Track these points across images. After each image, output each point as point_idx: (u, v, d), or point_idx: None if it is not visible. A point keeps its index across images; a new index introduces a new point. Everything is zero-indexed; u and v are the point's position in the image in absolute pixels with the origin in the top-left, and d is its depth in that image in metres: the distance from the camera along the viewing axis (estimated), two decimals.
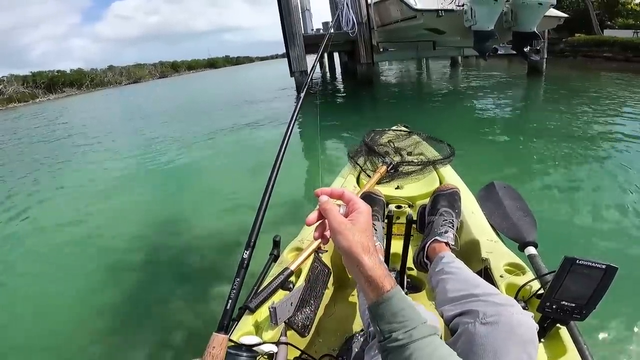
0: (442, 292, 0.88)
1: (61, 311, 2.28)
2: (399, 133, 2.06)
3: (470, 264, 1.19)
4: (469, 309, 0.74)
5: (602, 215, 2.55)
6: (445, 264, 0.97)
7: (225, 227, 2.99)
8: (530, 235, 1.22)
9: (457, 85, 11.32)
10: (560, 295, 0.80)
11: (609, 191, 2.97)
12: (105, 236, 3.28)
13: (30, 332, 2.13)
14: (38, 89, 33.53)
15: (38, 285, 2.65)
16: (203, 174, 5.02)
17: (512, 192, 1.50)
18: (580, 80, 9.84)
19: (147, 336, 1.96)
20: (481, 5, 6.56)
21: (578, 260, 0.77)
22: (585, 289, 0.78)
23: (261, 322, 0.97)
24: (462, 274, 0.91)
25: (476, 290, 0.81)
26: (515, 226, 1.28)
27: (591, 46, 13.53)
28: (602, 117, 5.54)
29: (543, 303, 0.82)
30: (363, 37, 10.43)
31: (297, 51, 10.36)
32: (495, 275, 1.05)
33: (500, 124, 6.04)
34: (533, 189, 3.06)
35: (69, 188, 5.06)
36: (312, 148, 5.26)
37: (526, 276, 1.02)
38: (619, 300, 1.61)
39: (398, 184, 1.63)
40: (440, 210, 1.18)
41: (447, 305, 0.82)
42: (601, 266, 0.76)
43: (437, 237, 1.10)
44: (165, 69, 52.79)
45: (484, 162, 3.87)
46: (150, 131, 8.68)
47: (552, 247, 1.76)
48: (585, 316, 0.80)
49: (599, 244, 2.19)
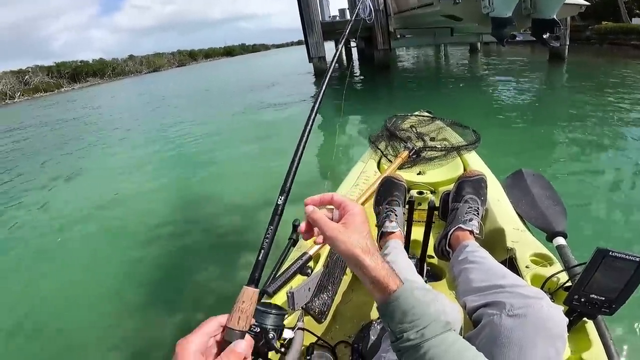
0: (466, 281, 0.85)
1: (105, 277, 2.49)
2: (421, 119, 2.02)
3: (495, 253, 1.15)
4: (494, 300, 0.71)
5: (635, 206, 2.44)
6: (469, 253, 0.93)
7: (251, 199, 3.18)
8: (559, 225, 1.17)
9: (477, 71, 11.09)
10: (590, 288, 0.77)
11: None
12: (138, 210, 3.50)
13: (80, 298, 2.32)
14: (62, 79, 34.50)
15: (81, 257, 2.86)
16: (233, 151, 5.24)
17: (542, 180, 1.43)
18: (605, 67, 9.45)
19: (181, 300, 2.12)
20: None
21: (611, 252, 0.74)
22: (617, 282, 0.75)
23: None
24: (487, 264, 0.87)
25: (502, 281, 0.77)
26: (544, 215, 1.22)
27: (618, 34, 13.09)
28: (630, 104, 5.29)
29: (571, 296, 0.79)
30: (380, 23, 10.46)
31: (315, 38, 10.59)
32: (520, 266, 1.01)
33: (523, 110, 5.88)
34: (562, 177, 2.95)
35: (107, 167, 5.37)
36: (332, 132, 5.27)
37: (553, 267, 0.98)
38: None
39: (420, 169, 1.60)
40: (465, 197, 1.13)
41: (471, 295, 0.79)
42: (635, 259, 0.73)
43: (461, 224, 1.05)
44: (183, 57, 53.34)
45: (508, 148, 3.76)
46: (180, 115, 8.93)
47: (582, 238, 1.70)
48: (615, 311, 0.77)
49: (633, 236, 2.10)
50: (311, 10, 10.44)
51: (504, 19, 6.75)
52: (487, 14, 6.84)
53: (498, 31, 7.04)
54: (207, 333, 0.46)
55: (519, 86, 7.87)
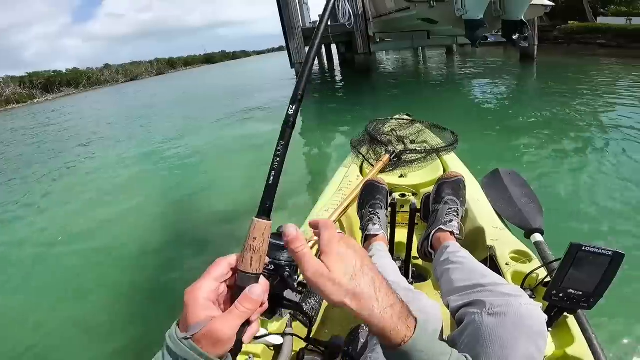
0: (448, 282, 0.86)
1: (103, 281, 2.53)
2: (401, 122, 2.05)
3: (476, 252, 1.18)
4: (475, 299, 0.72)
5: (608, 199, 2.53)
6: (451, 254, 0.94)
7: (238, 200, 3.21)
8: (536, 222, 1.20)
9: (454, 73, 11.48)
10: (567, 283, 0.78)
11: (613, 174, 2.96)
12: (121, 227, 3.41)
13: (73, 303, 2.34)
14: (35, 90, 33.37)
15: (70, 266, 2.84)
16: (221, 155, 5.29)
17: (518, 178, 1.48)
18: (572, 66, 10.02)
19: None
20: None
21: (584, 246, 0.75)
22: (592, 276, 0.76)
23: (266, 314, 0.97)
24: (468, 264, 0.89)
25: (483, 280, 0.78)
26: (521, 213, 1.25)
27: (584, 33, 13.55)
28: (596, 102, 5.57)
29: (549, 291, 0.80)
30: (359, 28, 10.67)
31: (296, 43, 10.66)
32: (501, 263, 1.04)
33: (498, 110, 6.10)
34: (536, 174, 3.03)
35: (93, 178, 5.26)
36: (314, 138, 5.28)
37: (532, 264, 1.00)
38: (628, 288, 1.61)
39: (402, 172, 1.63)
40: (444, 199, 1.15)
41: (453, 295, 0.80)
42: (608, 253, 0.74)
43: (442, 226, 1.08)
44: (162, 65, 52.49)
45: (485, 148, 3.85)
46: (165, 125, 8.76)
47: (559, 233, 1.75)
48: (593, 305, 0.79)
49: (607, 229, 2.17)
50: (292, 16, 10.50)
51: (477, 21, 7.08)
52: (461, 16, 7.19)
53: (471, 33, 7.34)
54: (217, 277, 0.41)
55: (494, 86, 8.16)
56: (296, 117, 0.44)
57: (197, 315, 0.38)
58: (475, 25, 7.18)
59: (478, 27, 7.18)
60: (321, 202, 1.46)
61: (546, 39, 14.58)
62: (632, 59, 9.85)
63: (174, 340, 0.36)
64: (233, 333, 0.38)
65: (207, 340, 0.37)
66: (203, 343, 0.36)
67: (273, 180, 0.43)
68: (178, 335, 0.37)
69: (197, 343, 0.36)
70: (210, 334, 0.37)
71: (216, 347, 0.37)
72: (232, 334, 0.38)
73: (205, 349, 0.36)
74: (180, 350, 0.36)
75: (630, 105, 5.15)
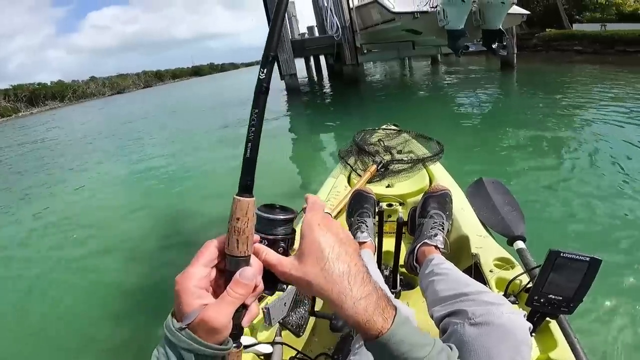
0: (433, 293, 0.87)
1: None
2: (388, 132, 2.09)
3: (460, 259, 1.20)
4: (458, 308, 0.72)
5: (588, 206, 2.60)
6: (435, 266, 0.96)
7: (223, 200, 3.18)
8: (518, 229, 1.24)
9: (438, 82, 11.82)
10: (547, 288, 0.80)
11: (593, 180, 3.05)
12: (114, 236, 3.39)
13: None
14: (20, 103, 32.75)
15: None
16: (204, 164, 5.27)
17: (501, 187, 1.52)
18: (550, 73, 10.51)
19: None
20: (451, 6, 7.18)
21: (562, 253, 0.77)
22: (571, 281, 0.78)
23: (256, 324, 0.98)
24: (452, 275, 0.90)
25: (466, 289, 0.79)
26: (504, 221, 1.29)
27: (561, 40, 14.00)
28: (572, 107, 5.83)
29: (531, 297, 0.82)
30: (347, 40, 10.91)
31: (285, 55, 10.83)
32: (485, 270, 1.06)
33: (481, 118, 6.28)
34: (519, 182, 3.11)
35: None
36: (303, 148, 5.29)
37: (515, 270, 1.03)
38: (609, 292, 1.65)
39: (389, 182, 1.65)
40: (430, 213, 1.17)
41: (437, 306, 0.80)
42: (585, 259, 0.76)
43: (427, 240, 1.09)
44: (149, 78, 52.11)
45: (469, 156, 3.93)
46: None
47: (541, 240, 1.79)
48: (573, 309, 0.80)
49: (589, 235, 2.23)
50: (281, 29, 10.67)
51: (458, 30, 7.50)
52: (443, 26, 7.58)
53: (453, 42, 7.79)
54: (206, 263, 0.40)
55: (477, 95, 8.44)
56: (269, 81, 0.41)
57: (189, 304, 0.37)
58: (456, 34, 7.58)
59: (459, 36, 7.60)
60: None
61: (526, 47, 15.01)
62: (607, 64, 10.33)
63: (171, 330, 0.36)
64: (228, 320, 0.37)
65: (202, 329, 0.36)
66: (199, 332, 0.36)
67: (250, 154, 0.40)
68: (175, 325, 0.36)
69: (193, 332, 0.36)
70: (204, 322, 0.36)
71: (212, 335, 0.36)
72: (227, 320, 0.37)
73: (202, 337, 0.36)
74: (178, 340, 0.36)
75: (605, 111, 5.37)
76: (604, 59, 11.17)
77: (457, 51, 8.06)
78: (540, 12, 18.34)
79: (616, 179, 2.98)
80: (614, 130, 4.35)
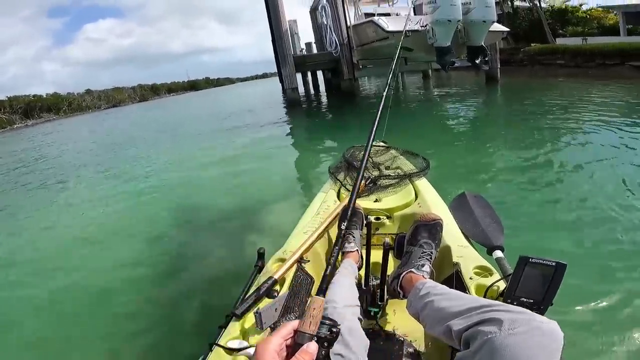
0: (437, 310, 0.87)
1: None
2: (377, 148, 2.18)
3: (443, 268, 1.28)
4: (489, 317, 0.70)
5: (566, 216, 2.72)
6: (431, 288, 0.97)
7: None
8: (497, 240, 1.32)
9: (429, 96, 12.56)
10: (520, 292, 0.86)
11: (570, 192, 3.18)
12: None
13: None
14: (15, 115, 32.57)
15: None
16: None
17: (482, 201, 1.61)
18: (532, 86, 11.12)
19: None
20: (439, 26, 8.06)
21: (531, 258, 0.85)
22: (540, 285, 0.84)
23: (248, 328, 1.02)
24: (453, 293, 0.92)
25: (483, 302, 0.78)
26: (484, 232, 1.37)
27: (546, 55, 14.28)
28: (551, 121, 6.13)
29: (505, 300, 0.88)
30: (345, 56, 11.62)
31: (288, 70, 11.60)
32: (465, 278, 1.12)
33: (463, 131, 6.62)
34: (499, 195, 3.24)
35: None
36: (299, 160, 5.38)
37: (493, 277, 1.09)
38: (578, 294, 1.74)
39: (377, 197, 1.73)
40: (420, 242, 1.19)
41: (455, 319, 0.78)
42: (551, 264, 0.83)
43: (414, 269, 1.11)
44: (145, 92, 52.13)
45: (453, 171, 4.05)
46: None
47: (518, 250, 1.87)
48: (544, 311, 0.84)
49: (565, 245, 2.32)
50: (285, 46, 11.51)
51: (445, 47, 8.29)
52: (432, 44, 8.35)
53: (440, 58, 8.55)
54: (283, 336, 0.56)
55: (462, 108, 9.06)
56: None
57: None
58: (444, 51, 8.36)
59: (446, 53, 8.40)
60: (300, 225, 1.55)
61: (513, 61, 15.37)
62: (589, 77, 10.76)
63: None
64: None
65: None
66: None
67: (329, 271, 0.67)
68: None
69: None
70: None
71: None
72: None
73: None
74: None
75: (581, 122, 5.65)
76: (586, 72, 11.57)
77: (445, 66, 8.82)
78: (526, 27, 18.89)
79: (593, 189, 3.13)
80: (590, 139, 4.65)
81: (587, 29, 17.33)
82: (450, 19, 8.09)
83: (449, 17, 8.07)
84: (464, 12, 8.27)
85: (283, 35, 11.42)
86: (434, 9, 8.11)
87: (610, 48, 11.59)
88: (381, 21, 9.35)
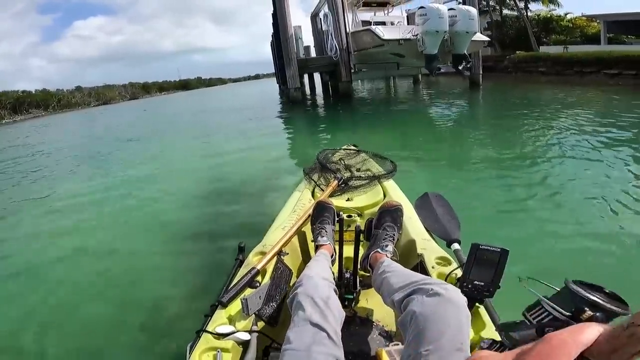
0: (388, 285, 1.04)
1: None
2: (349, 152, 2.32)
3: (409, 258, 1.42)
4: (415, 288, 0.90)
5: (515, 214, 2.92)
6: (387, 266, 1.16)
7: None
8: (455, 234, 1.48)
9: (417, 99, 13.30)
10: (473, 276, 0.99)
11: (525, 190, 3.40)
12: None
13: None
14: (4, 110, 31.95)
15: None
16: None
17: (442, 200, 1.77)
18: (512, 91, 11.92)
19: None
20: (428, 35, 9.16)
21: (481, 245, 0.98)
22: (489, 269, 0.97)
23: (234, 315, 1.11)
24: (400, 270, 1.10)
25: (416, 277, 0.97)
26: (444, 227, 1.53)
27: (529, 62, 14.81)
28: (524, 120, 6.61)
29: (461, 283, 0.99)
30: (343, 59, 12.49)
31: (292, 71, 12.58)
32: (428, 267, 1.27)
33: (438, 133, 7.09)
34: (458, 193, 3.46)
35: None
36: (288, 156, 5.65)
37: (452, 266, 1.24)
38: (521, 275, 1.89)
39: (348, 196, 1.86)
40: (384, 225, 1.39)
41: (396, 293, 0.96)
42: (496, 249, 0.97)
43: (378, 249, 1.31)
44: (135, 90, 51.30)
45: (419, 173, 4.28)
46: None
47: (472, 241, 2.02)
48: (493, 293, 0.97)
49: (516, 237, 2.51)
50: (290, 49, 12.43)
51: (432, 55, 9.38)
52: (422, 51, 9.36)
53: (428, 65, 9.66)
54: None
55: (445, 109, 9.79)
56: None
57: None
58: (431, 58, 9.42)
59: (433, 59, 9.49)
60: (277, 221, 1.66)
61: (498, 68, 15.86)
62: (568, 85, 11.27)
63: None
64: None
65: None
66: None
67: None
68: None
69: None
70: None
71: None
72: None
73: None
74: None
75: (553, 125, 6.01)
76: (565, 79, 12.12)
77: (432, 71, 10.05)
78: (512, 35, 19.34)
79: (551, 186, 3.40)
80: (556, 141, 4.97)
81: (570, 38, 17.80)
82: (438, 29, 9.07)
83: (437, 28, 9.05)
84: (450, 24, 9.23)
85: (289, 39, 12.29)
86: (424, 21, 9.07)
87: (588, 56, 12.07)
88: (378, 30, 10.48)
